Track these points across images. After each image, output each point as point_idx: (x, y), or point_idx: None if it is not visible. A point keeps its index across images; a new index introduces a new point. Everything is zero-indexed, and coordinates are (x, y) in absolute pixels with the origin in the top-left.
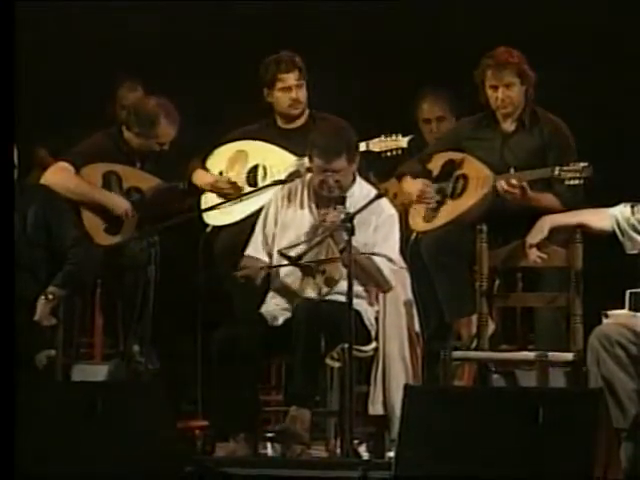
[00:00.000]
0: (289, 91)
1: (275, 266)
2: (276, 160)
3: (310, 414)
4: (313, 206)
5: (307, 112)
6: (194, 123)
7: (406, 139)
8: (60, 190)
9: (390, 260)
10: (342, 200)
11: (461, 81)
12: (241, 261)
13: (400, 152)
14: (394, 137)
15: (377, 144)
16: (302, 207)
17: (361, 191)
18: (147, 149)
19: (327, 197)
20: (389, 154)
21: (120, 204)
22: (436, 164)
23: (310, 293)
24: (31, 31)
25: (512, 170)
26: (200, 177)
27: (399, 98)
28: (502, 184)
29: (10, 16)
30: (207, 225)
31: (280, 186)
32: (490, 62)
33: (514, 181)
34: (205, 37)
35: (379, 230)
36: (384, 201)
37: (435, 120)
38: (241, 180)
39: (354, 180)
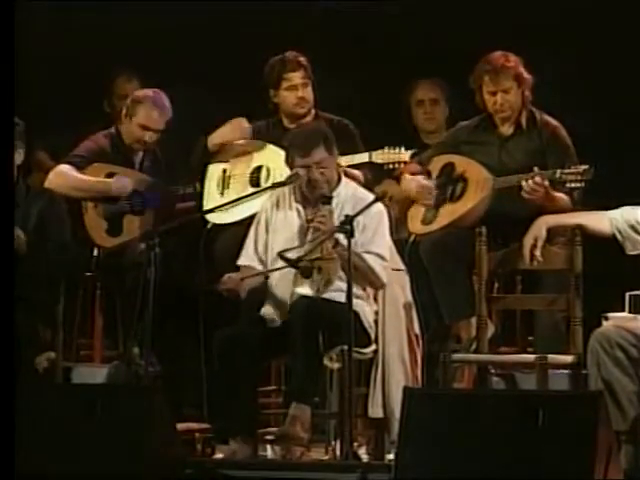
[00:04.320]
0: (295, 90)
1: (257, 274)
2: (280, 162)
3: (310, 411)
4: (300, 207)
5: (313, 112)
6: (195, 123)
7: (409, 152)
8: (64, 191)
9: (380, 257)
10: (328, 200)
11: (461, 80)
12: (237, 271)
13: (402, 165)
14: (397, 150)
15: (380, 156)
16: (290, 209)
17: (347, 190)
18: (136, 139)
19: (314, 198)
20: (391, 166)
21: (122, 184)
22: (435, 167)
23: (307, 291)
24: (31, 31)
25: (536, 169)
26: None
27: (398, 98)
28: (529, 183)
29: (10, 16)
30: (207, 224)
31: (270, 192)
32: (487, 67)
33: (538, 179)
34: (207, 36)
35: (367, 229)
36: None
37: (428, 102)
38: (244, 180)
39: (339, 180)
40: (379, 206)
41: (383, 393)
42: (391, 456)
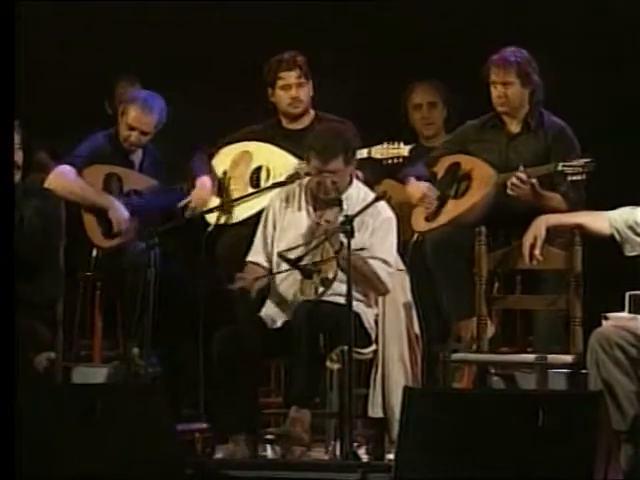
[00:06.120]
0: (289, 89)
1: (269, 274)
2: (279, 162)
3: (310, 415)
4: (310, 208)
5: (312, 113)
6: (195, 124)
7: (408, 147)
8: (63, 193)
9: (386, 263)
10: (338, 202)
11: (460, 81)
12: (244, 268)
13: (401, 160)
14: (396, 145)
15: (379, 151)
16: (300, 209)
17: (358, 193)
18: (124, 138)
19: (324, 199)
20: (390, 162)
21: (120, 216)
22: (441, 167)
23: (308, 294)
24: (31, 31)
25: (521, 168)
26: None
27: (397, 99)
28: (512, 180)
29: (10, 16)
30: (208, 226)
31: (279, 189)
32: (495, 57)
33: (523, 176)
34: (209, 36)
35: (376, 233)
36: (382, 204)
37: (426, 105)
38: (244, 181)
39: (351, 182)
40: (389, 212)
41: (383, 393)
42: (391, 456)
